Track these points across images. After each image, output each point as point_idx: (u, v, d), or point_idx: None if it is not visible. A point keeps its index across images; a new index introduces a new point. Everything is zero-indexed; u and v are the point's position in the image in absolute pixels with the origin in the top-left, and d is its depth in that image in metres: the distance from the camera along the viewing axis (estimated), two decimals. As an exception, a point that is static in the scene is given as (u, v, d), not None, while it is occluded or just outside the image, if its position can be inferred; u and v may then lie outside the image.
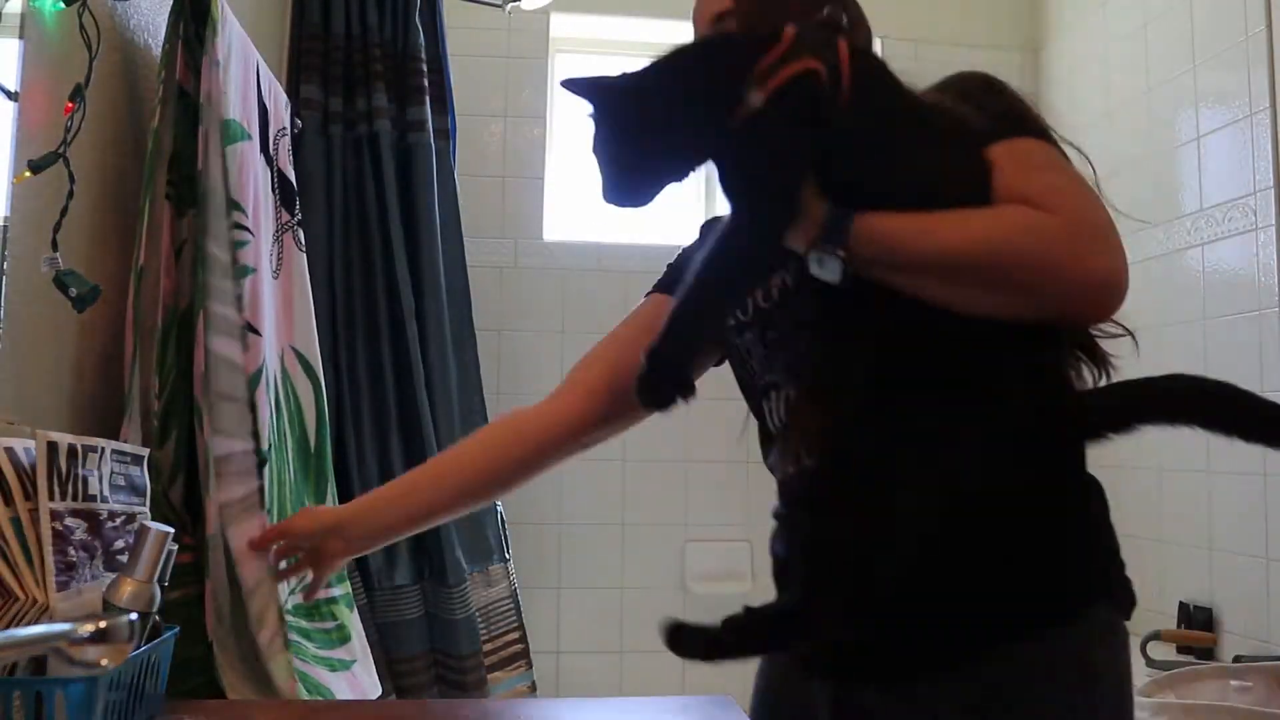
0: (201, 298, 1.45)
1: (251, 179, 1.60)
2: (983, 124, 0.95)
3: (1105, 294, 0.91)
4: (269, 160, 1.79)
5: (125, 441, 1.37)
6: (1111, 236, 0.92)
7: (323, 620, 1.65)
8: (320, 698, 1.49)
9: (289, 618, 1.48)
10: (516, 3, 2.63)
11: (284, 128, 1.91)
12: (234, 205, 1.51)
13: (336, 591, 1.73)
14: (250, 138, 1.62)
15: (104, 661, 0.79)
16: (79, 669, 0.79)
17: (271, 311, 1.73)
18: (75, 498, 0.97)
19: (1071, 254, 0.88)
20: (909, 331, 0.89)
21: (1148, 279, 2.83)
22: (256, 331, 1.53)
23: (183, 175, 1.49)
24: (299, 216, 1.93)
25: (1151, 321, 2.81)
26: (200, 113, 1.48)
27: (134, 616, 0.84)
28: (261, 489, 1.45)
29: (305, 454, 1.80)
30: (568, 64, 3.23)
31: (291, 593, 1.50)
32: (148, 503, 1.14)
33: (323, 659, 1.57)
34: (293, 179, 1.94)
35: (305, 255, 1.95)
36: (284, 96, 1.98)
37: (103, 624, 0.78)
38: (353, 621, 1.75)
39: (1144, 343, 3.33)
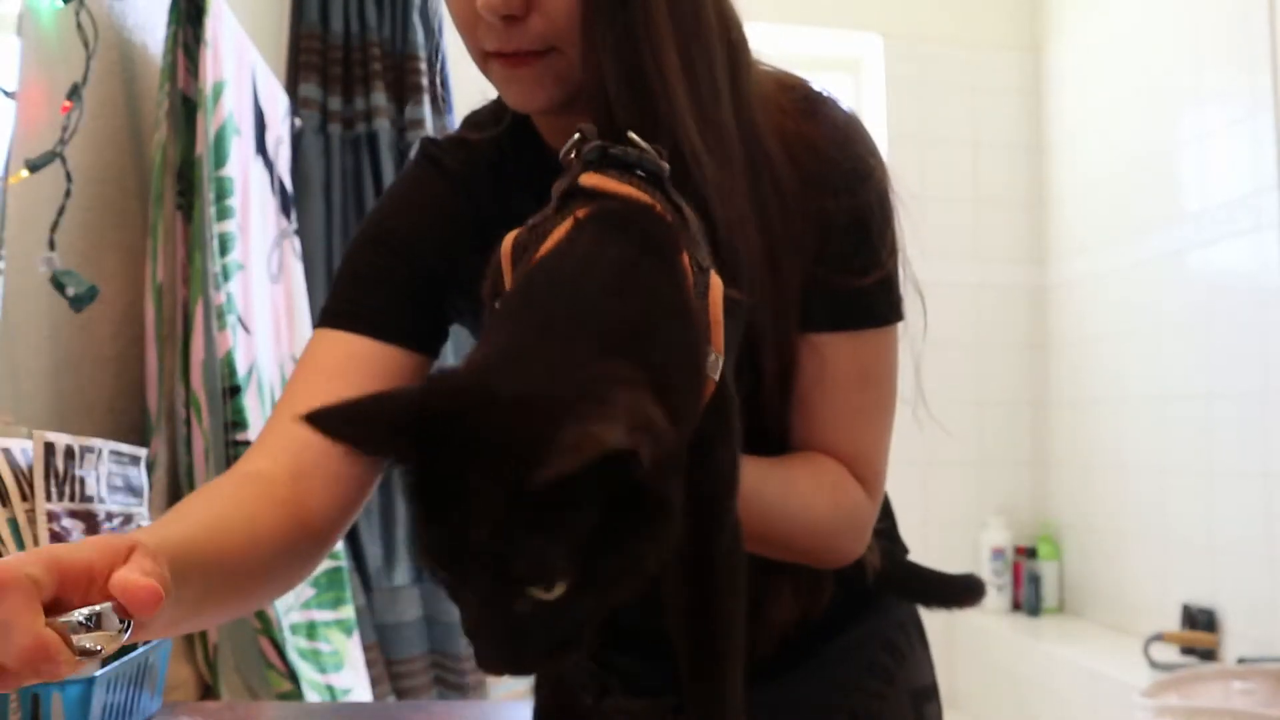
0: (200, 286, 1.44)
1: (240, 169, 1.59)
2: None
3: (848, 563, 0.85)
4: (268, 164, 1.78)
5: (155, 457, 1.37)
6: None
7: (319, 641, 1.64)
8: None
9: (287, 635, 1.47)
10: (516, 2, 2.62)
11: (281, 135, 1.91)
12: (221, 182, 1.49)
13: (334, 615, 1.73)
14: (239, 132, 1.61)
15: (99, 648, 0.78)
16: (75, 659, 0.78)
17: (270, 315, 1.72)
18: (72, 498, 0.96)
19: (860, 547, 0.84)
20: None
21: (1149, 281, 2.83)
22: (246, 328, 1.52)
23: (190, 183, 1.48)
24: (295, 225, 1.93)
25: (1153, 324, 2.81)
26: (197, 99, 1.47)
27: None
28: None
29: None
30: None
31: (290, 610, 1.50)
32: (145, 503, 1.13)
33: (318, 683, 1.56)
34: (290, 188, 1.94)
35: (302, 264, 1.95)
36: (284, 104, 1.97)
37: (96, 608, 0.77)
38: (348, 649, 1.74)
39: (1146, 346, 3.34)
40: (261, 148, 1.76)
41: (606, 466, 0.45)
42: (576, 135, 0.69)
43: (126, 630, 0.48)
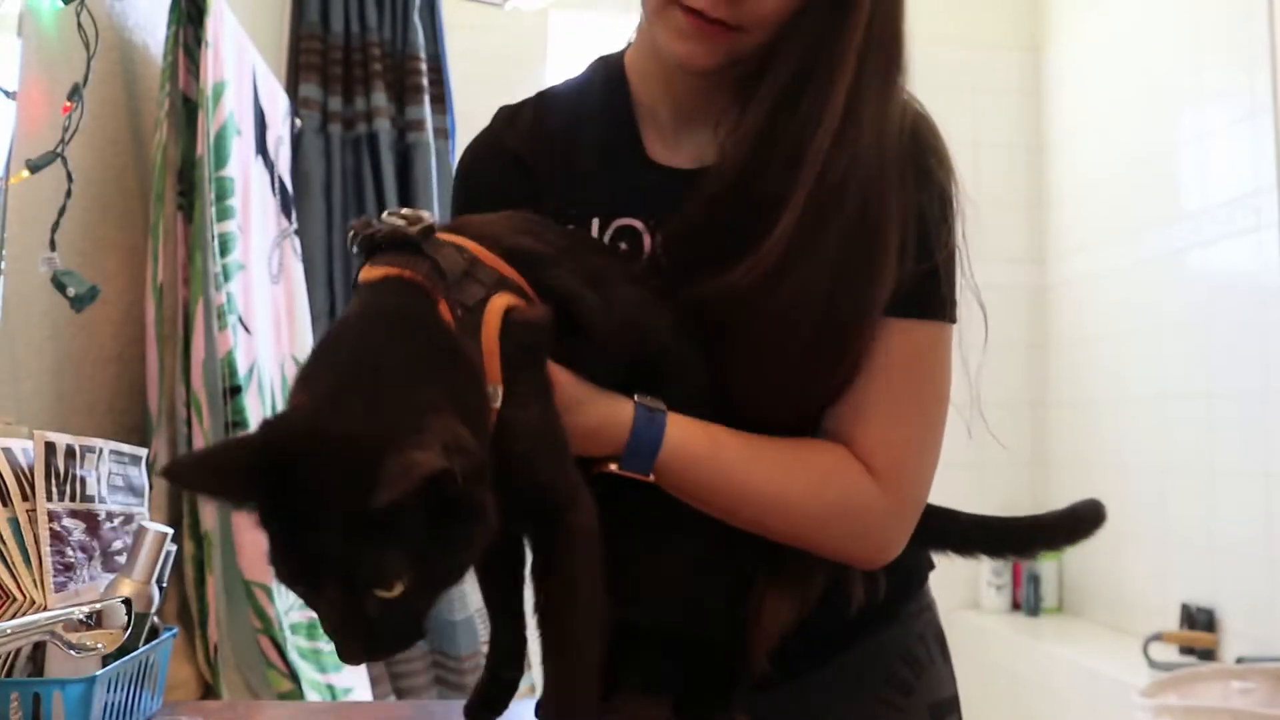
0: (201, 285, 1.44)
1: (241, 169, 1.59)
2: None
3: (871, 566, 0.85)
4: (268, 164, 1.78)
5: (156, 457, 1.38)
6: (915, 512, 0.85)
7: (320, 640, 1.64)
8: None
9: (288, 635, 1.47)
10: (516, 2, 2.62)
11: (281, 135, 1.92)
12: (221, 182, 1.49)
13: None
14: (240, 132, 1.61)
15: (100, 645, 0.78)
16: (75, 655, 0.78)
17: (270, 315, 1.72)
18: (73, 498, 0.97)
19: (874, 547, 0.82)
20: None
21: (1149, 280, 2.83)
22: (246, 328, 1.52)
23: (191, 183, 1.48)
24: (295, 225, 1.93)
25: (1153, 324, 2.81)
26: (198, 99, 1.47)
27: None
28: None
29: None
30: (567, 63, 3.23)
31: (290, 609, 1.49)
32: (146, 503, 1.14)
33: (318, 683, 1.56)
34: (290, 188, 1.94)
35: (302, 264, 1.95)
36: (284, 104, 1.98)
37: (98, 605, 0.78)
38: None
39: (1146, 346, 3.33)
40: (262, 148, 1.76)
41: (428, 484, 0.54)
42: (351, 233, 0.75)
43: (127, 627, 0.49)
